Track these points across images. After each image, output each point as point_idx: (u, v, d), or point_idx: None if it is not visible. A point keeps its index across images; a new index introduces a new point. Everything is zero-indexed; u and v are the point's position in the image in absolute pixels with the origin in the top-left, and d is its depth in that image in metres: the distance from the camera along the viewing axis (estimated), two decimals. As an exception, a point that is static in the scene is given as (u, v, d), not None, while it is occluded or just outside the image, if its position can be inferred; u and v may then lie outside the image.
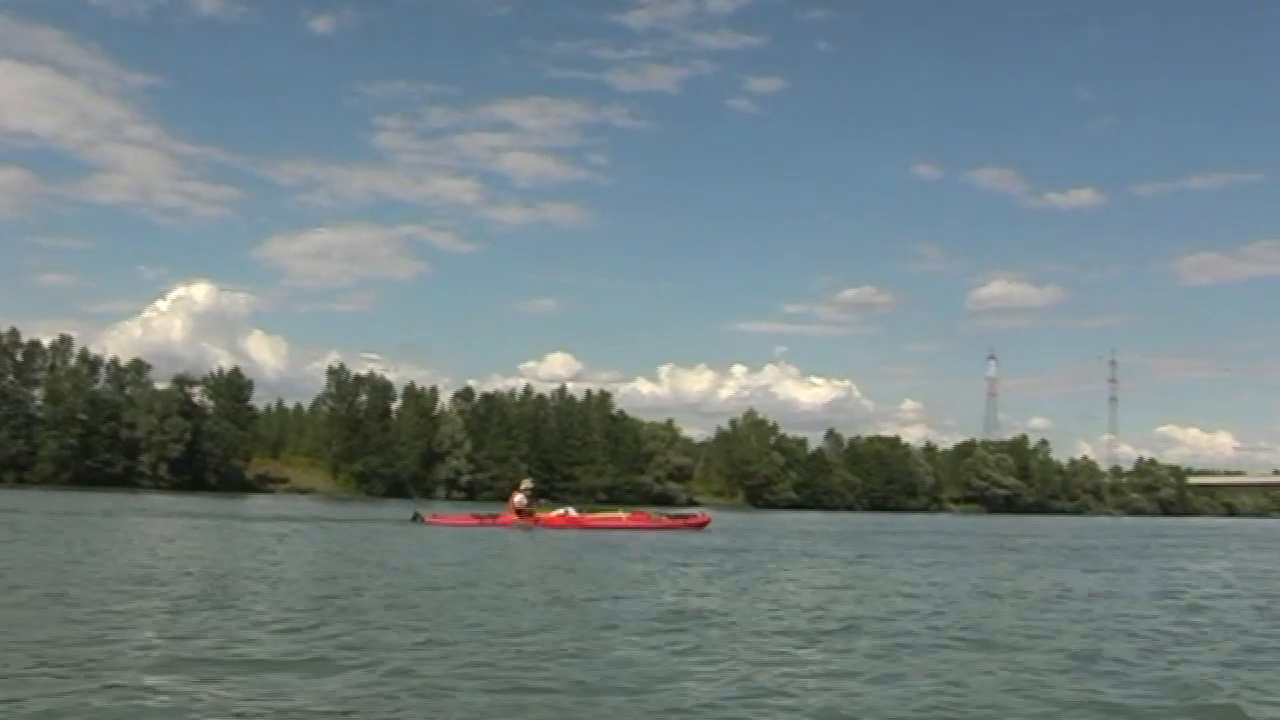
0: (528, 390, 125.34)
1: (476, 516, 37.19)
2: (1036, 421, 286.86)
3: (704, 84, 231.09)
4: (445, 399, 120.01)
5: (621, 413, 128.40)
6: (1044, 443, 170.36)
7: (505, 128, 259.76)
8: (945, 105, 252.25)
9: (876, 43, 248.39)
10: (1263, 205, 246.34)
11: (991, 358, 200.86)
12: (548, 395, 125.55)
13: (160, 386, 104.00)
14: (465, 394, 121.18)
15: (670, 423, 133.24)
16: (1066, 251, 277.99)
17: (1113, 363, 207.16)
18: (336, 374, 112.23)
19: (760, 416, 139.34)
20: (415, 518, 35.13)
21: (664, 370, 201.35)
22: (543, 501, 37.97)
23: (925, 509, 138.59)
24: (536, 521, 34.78)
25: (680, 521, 38.26)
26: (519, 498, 36.11)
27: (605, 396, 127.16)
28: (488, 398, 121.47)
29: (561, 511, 36.99)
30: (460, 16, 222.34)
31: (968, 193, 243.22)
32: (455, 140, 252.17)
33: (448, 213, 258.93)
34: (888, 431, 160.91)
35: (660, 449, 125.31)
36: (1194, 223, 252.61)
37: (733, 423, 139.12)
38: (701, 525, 37.46)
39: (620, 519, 37.17)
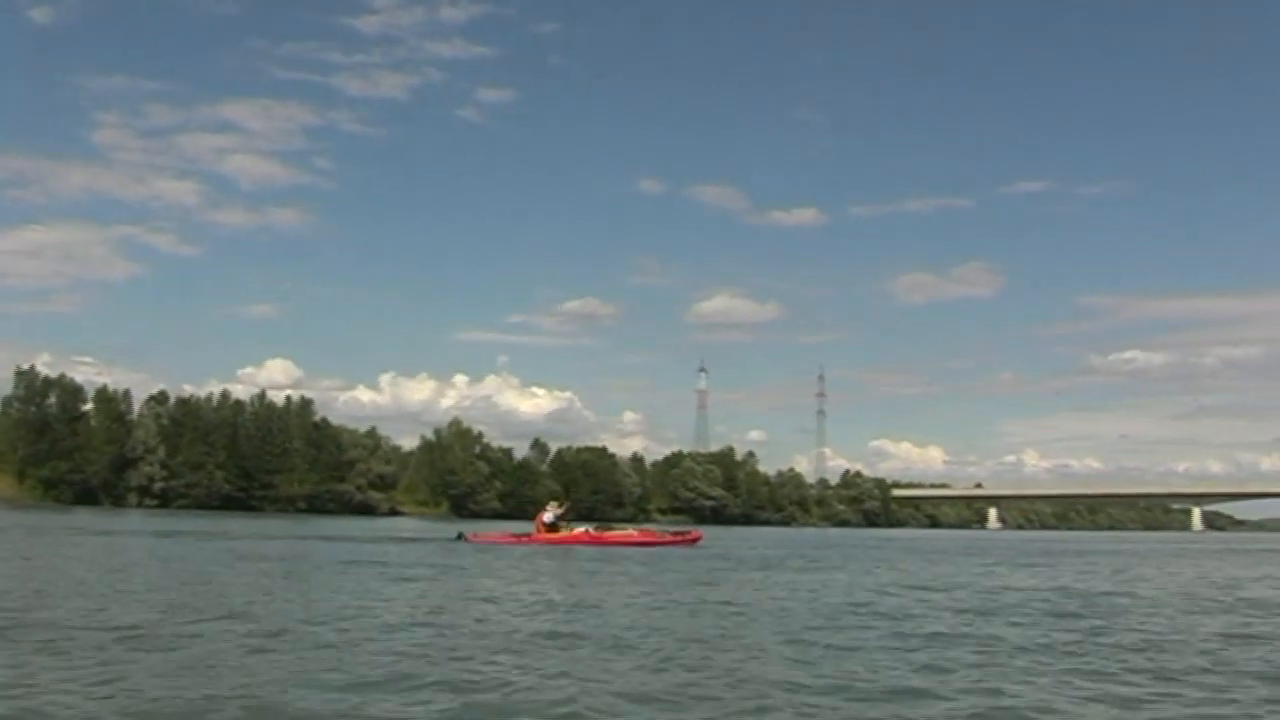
0: (225, 395, 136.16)
1: (515, 536, 43.74)
2: (754, 434, 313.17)
3: (434, 92, 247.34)
4: (139, 403, 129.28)
5: (324, 420, 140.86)
6: (751, 454, 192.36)
7: (229, 128, 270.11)
8: (670, 122, 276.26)
9: (606, 58, 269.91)
10: (973, 228, 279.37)
11: (702, 370, 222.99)
12: (246, 401, 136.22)
13: None
14: (160, 398, 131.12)
15: (373, 430, 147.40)
16: (787, 268, 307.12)
17: (821, 377, 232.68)
18: (25, 375, 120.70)
19: (465, 425, 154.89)
20: (459, 537, 42.65)
21: (385, 379, 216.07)
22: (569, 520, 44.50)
23: (632, 519, 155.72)
24: (563, 540, 41.76)
25: (677, 538, 46.11)
26: (548, 516, 43.12)
27: (306, 403, 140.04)
28: (183, 402, 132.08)
29: (583, 529, 44.49)
30: (186, 13, 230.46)
31: (691, 208, 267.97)
32: (177, 140, 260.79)
33: (168, 214, 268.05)
34: (609, 442, 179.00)
35: (362, 457, 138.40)
36: (908, 244, 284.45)
37: (437, 432, 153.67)
38: (694, 541, 45.23)
39: (632, 535, 45.69)
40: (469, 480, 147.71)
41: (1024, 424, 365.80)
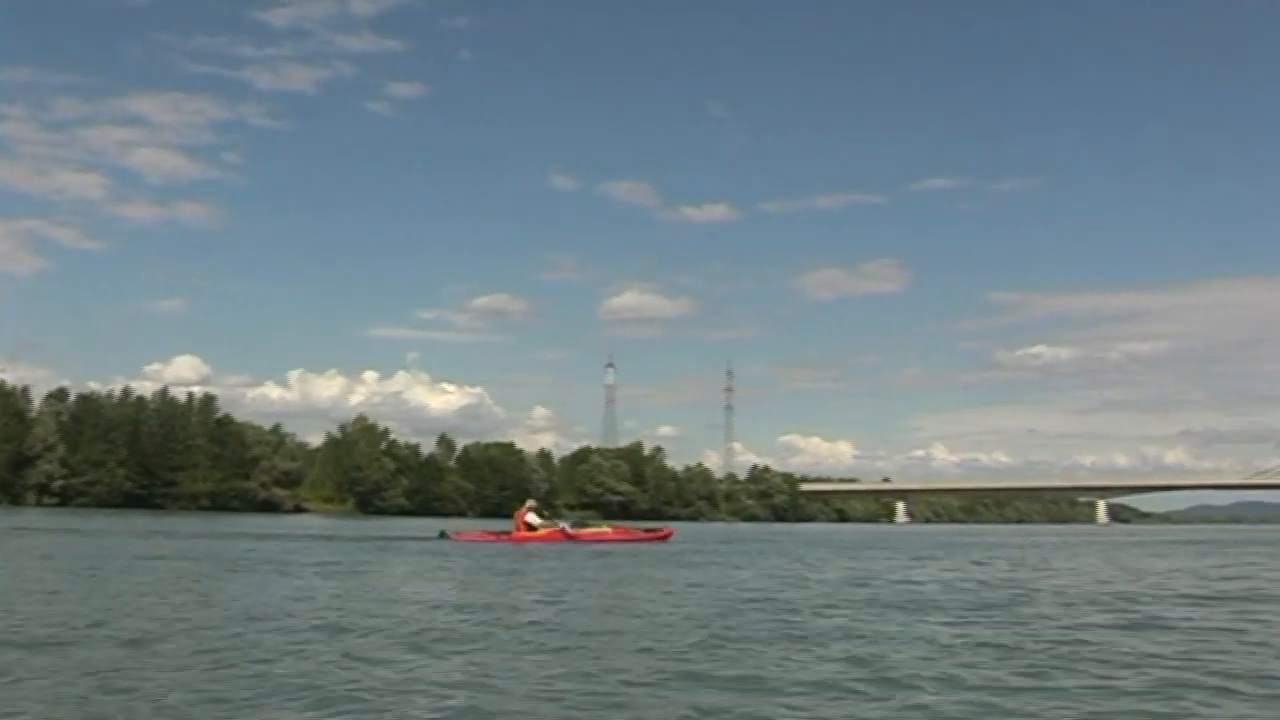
0: (126, 392, 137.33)
1: (494, 533, 45.20)
2: (665, 430, 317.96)
3: (344, 86, 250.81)
4: (39, 400, 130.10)
5: (227, 416, 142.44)
6: (659, 450, 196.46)
7: (137, 122, 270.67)
8: (583, 117, 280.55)
9: (518, 53, 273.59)
10: (883, 225, 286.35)
11: (610, 365, 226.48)
12: (148, 398, 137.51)
13: None
14: (59, 395, 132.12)
15: (277, 427, 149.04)
16: (698, 264, 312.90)
17: (729, 372, 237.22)
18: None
19: (371, 422, 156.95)
20: (441, 535, 44.41)
21: (294, 375, 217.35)
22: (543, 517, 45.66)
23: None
24: (541, 538, 43.07)
25: (649, 535, 47.70)
26: (530, 516, 44.36)
27: (209, 400, 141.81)
28: (84, 399, 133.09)
29: (561, 526, 45.46)
30: (94, 4, 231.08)
31: (603, 204, 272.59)
32: (83, 133, 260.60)
33: (73, 208, 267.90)
34: (519, 438, 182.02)
35: (266, 454, 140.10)
36: (819, 240, 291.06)
37: (343, 428, 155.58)
38: (665, 538, 46.84)
39: (607, 533, 47.02)
40: (375, 477, 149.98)
41: (933, 418, 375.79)
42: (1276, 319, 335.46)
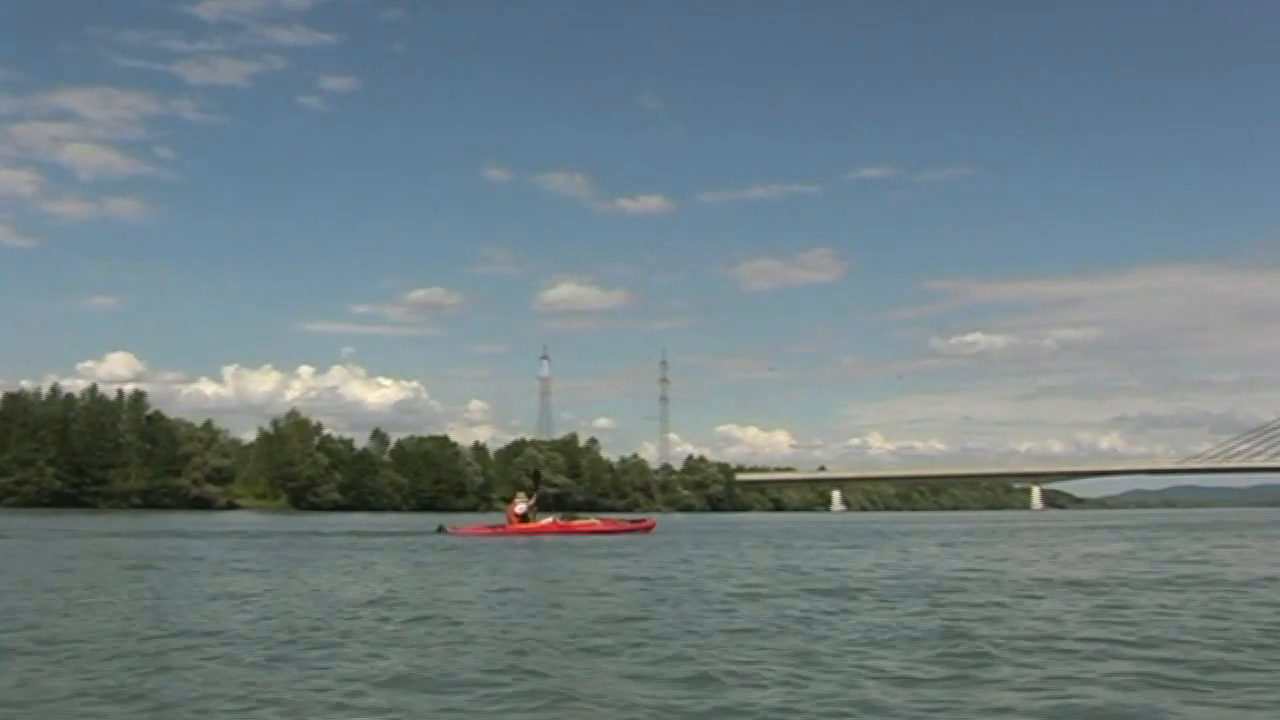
0: (55, 390, 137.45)
1: (490, 527, 46.36)
2: (602, 421, 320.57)
3: (276, 80, 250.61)
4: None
5: (158, 413, 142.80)
6: (594, 441, 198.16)
7: (67, 117, 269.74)
8: (517, 109, 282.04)
9: (451, 46, 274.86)
10: (820, 215, 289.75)
11: (544, 358, 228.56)
12: (77, 395, 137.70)
13: None
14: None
15: (209, 423, 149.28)
16: (634, 256, 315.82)
17: (663, 363, 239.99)
18: None
19: (304, 416, 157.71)
20: (439, 530, 45.31)
21: (229, 371, 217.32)
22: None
23: (475, 509, 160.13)
24: (534, 530, 44.12)
25: (634, 526, 49.79)
26: (519, 508, 44.91)
27: (139, 397, 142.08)
28: (11, 398, 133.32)
29: (550, 519, 46.71)
30: None
31: (537, 196, 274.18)
32: (12, 129, 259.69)
33: (3, 205, 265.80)
34: (456, 432, 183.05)
35: (198, 450, 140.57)
36: (755, 230, 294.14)
37: (275, 423, 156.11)
38: (649, 529, 49.05)
39: (596, 525, 48.52)
40: (307, 472, 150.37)
41: (869, 407, 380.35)
42: (1208, 305, 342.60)
